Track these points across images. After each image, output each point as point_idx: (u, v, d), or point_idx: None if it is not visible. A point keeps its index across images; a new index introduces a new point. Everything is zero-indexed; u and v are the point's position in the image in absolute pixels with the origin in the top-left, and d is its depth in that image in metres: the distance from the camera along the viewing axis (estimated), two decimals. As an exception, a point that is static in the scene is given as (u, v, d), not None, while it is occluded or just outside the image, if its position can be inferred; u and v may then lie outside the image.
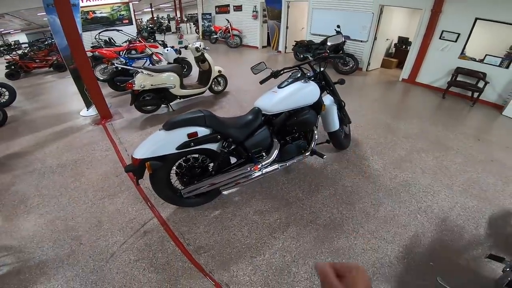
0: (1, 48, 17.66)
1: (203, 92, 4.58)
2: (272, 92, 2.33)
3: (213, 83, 4.78)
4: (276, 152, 2.22)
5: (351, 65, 6.49)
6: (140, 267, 1.82)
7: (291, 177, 2.68)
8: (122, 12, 9.81)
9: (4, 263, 1.87)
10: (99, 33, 8.01)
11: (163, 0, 16.81)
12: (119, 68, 4.89)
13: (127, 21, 9.97)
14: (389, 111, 4.36)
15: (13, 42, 20.60)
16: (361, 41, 6.76)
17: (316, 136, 2.55)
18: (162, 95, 4.01)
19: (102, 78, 5.87)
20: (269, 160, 2.17)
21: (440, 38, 5.36)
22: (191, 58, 5.40)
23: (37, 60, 8.34)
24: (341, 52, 6.41)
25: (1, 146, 3.47)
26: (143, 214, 2.26)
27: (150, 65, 6.26)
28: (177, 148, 1.79)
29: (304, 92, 2.31)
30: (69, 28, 3.30)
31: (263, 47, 9.99)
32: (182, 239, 2.04)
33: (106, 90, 5.32)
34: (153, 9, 19.01)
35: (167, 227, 2.13)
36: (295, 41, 7.52)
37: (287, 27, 8.47)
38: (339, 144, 3.00)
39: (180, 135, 1.79)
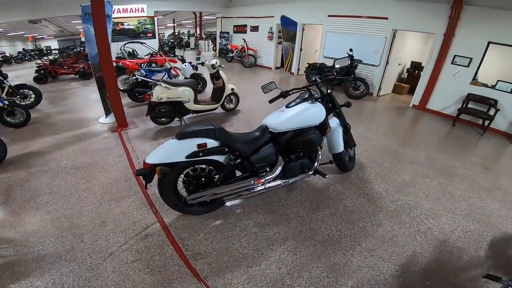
0: (33, 53, 19.10)
1: (215, 109, 4.79)
2: (280, 111, 2.48)
3: (226, 100, 5.00)
4: (279, 168, 2.33)
5: (361, 90, 6.62)
6: (136, 268, 1.90)
7: (293, 194, 2.75)
8: (147, 26, 10.50)
9: (1, 255, 1.97)
10: (124, 44, 8.60)
11: (185, 16, 17.88)
12: (139, 80, 5.24)
13: (150, 34, 10.63)
14: (396, 138, 4.41)
15: (44, 48, 22.25)
16: (373, 65, 6.93)
17: (320, 156, 2.64)
18: (176, 108, 4.24)
19: (122, 88, 6.25)
20: (272, 176, 2.28)
21: (452, 63, 5.44)
22: (206, 75, 5.69)
23: (65, 67, 8.94)
24: (352, 76, 6.59)
25: (21, 145, 3.74)
26: (147, 218, 2.37)
27: (168, 79, 6.66)
28: (187, 157, 1.94)
29: (310, 113, 2.44)
30: (101, 38, 3.62)
31: (277, 68, 10.34)
32: (182, 244, 2.12)
33: (125, 100, 5.64)
34: (175, 24, 20.21)
35: (168, 232, 2.23)
36: (307, 63, 7.78)
37: (301, 49, 8.81)
38: (343, 166, 3.07)
39: (191, 145, 1.95)
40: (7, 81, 5.36)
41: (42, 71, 8.49)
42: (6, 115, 4.35)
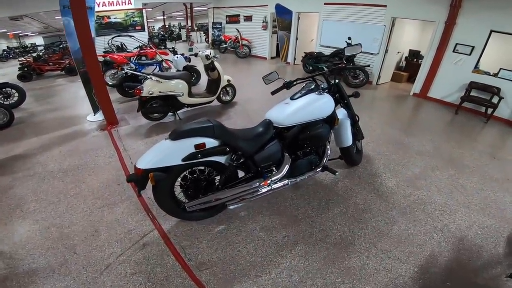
0: (17, 50, 18.28)
1: (211, 102, 4.55)
2: (284, 103, 2.24)
3: (222, 92, 4.75)
4: (287, 167, 2.13)
5: (361, 78, 6.43)
6: (137, 282, 1.72)
7: (300, 193, 2.57)
8: (135, 19, 10.03)
9: (-9, 269, 1.78)
10: (112, 38, 8.18)
11: (175, 8, 17.24)
12: (129, 74, 4.93)
13: (139, 27, 10.18)
14: (401, 127, 4.25)
15: (29, 45, 21.33)
16: (372, 54, 6.73)
17: (329, 152, 2.45)
18: (169, 102, 3.98)
19: (111, 83, 5.93)
20: (279, 176, 2.07)
21: (453, 51, 5.28)
22: (200, 67, 5.41)
23: (50, 63, 8.49)
24: (351, 64, 6.39)
25: (5, 148, 3.46)
26: (143, 225, 2.16)
27: (160, 71, 6.33)
28: (183, 160, 1.71)
29: (318, 105, 2.23)
30: (82, 31, 3.31)
31: (272, 58, 10.04)
32: (183, 253, 1.93)
33: (114, 95, 5.34)
34: (165, 17, 19.52)
35: (168, 240, 2.03)
36: (304, 52, 7.53)
37: (296, 38, 8.52)
38: (351, 160, 2.90)
39: (187, 146, 1.71)
40: (-13, 79, 4.99)
41: (26, 69, 8.04)
42: (-14, 116, 4.03)
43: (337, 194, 2.58)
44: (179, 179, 1.95)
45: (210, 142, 1.78)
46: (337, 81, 2.51)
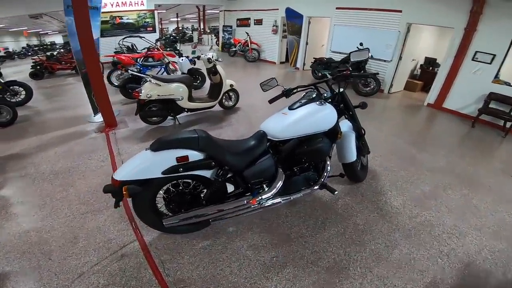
0: (36, 48, 19.08)
1: (212, 107, 4.47)
2: (281, 114, 2.08)
3: (224, 97, 4.68)
4: (280, 184, 1.98)
5: (372, 86, 6.21)
6: (108, 295, 1.63)
7: (296, 210, 2.42)
8: (147, 20, 10.22)
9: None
10: (123, 38, 8.34)
11: (189, 10, 17.53)
12: (130, 75, 4.95)
13: (151, 28, 10.36)
14: (412, 140, 4.02)
15: (49, 43, 22.21)
16: (385, 61, 6.52)
17: (329, 168, 2.27)
18: (169, 106, 3.92)
19: (116, 84, 5.99)
20: (270, 194, 1.93)
21: (472, 59, 5.01)
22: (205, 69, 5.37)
23: (62, 62, 8.74)
24: (362, 71, 6.20)
25: (3, 146, 3.50)
26: (125, 235, 2.08)
27: (165, 74, 6.35)
28: (163, 173, 1.60)
29: (319, 116, 2.05)
30: (83, 31, 3.32)
31: (281, 62, 9.95)
32: (162, 268, 1.83)
33: (118, 97, 5.39)
34: (179, 19, 19.88)
35: (148, 253, 1.94)
36: (314, 58, 7.39)
37: (306, 43, 8.40)
38: (355, 176, 2.72)
39: (168, 158, 1.61)
40: (-4, 77, 5.13)
41: (38, 67, 8.31)
42: (-10, 114, 4.12)
43: (336, 212, 2.42)
44: (161, 191, 1.85)
45: (194, 155, 1.67)
46: (341, 90, 2.33)
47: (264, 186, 1.97)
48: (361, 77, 6.03)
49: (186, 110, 4.09)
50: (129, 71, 4.91)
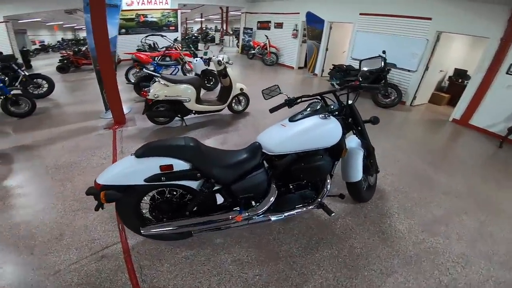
0: (70, 43, 20.32)
1: (220, 110, 4.45)
2: (280, 126, 1.95)
3: (233, 101, 4.64)
4: (271, 201, 1.86)
5: (393, 98, 5.91)
6: (79, 293, 1.63)
7: (290, 226, 2.30)
8: (170, 19, 10.51)
9: None
10: (146, 36, 8.64)
11: (213, 11, 17.89)
12: (145, 74, 5.06)
13: (173, 27, 10.64)
14: (430, 159, 3.72)
15: (83, 38, 23.57)
16: (409, 71, 6.19)
17: (329, 186, 2.08)
18: (176, 107, 3.94)
19: (133, 81, 6.18)
20: (259, 211, 1.83)
21: (507, 73, 4.60)
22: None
23: (88, 57, 9.21)
24: (383, 81, 5.91)
25: (17, 136, 3.70)
26: (110, 236, 2.08)
27: (180, 73, 6.47)
28: (146, 180, 1.56)
29: (321, 131, 1.87)
30: (98, 28, 3.42)
31: (300, 68, 9.80)
32: (139, 273, 1.81)
33: (133, 94, 5.55)
34: (203, 19, 20.34)
35: (129, 256, 1.92)
36: (333, 64, 7.19)
37: (326, 49, 8.21)
38: (359, 196, 2.54)
39: (152, 166, 1.56)
40: (22, 71, 5.46)
41: (65, 61, 8.82)
42: (10, 105, 4.38)
43: (332, 233, 2.27)
44: (147, 197, 1.82)
45: (180, 165, 1.61)
46: (350, 102, 2.14)
47: (253, 202, 1.87)
48: (374, 89, 5.64)
49: (193, 112, 4.10)
50: (143, 69, 5.05)
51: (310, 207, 2.04)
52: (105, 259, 1.89)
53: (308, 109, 2.06)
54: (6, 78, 4.54)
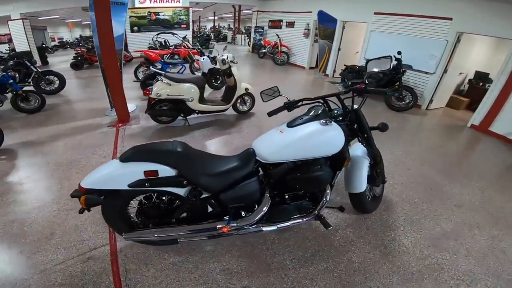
0: (87, 40, 20.98)
1: (224, 110, 4.40)
2: (277, 131, 1.83)
3: (238, 101, 4.58)
4: (263, 212, 1.76)
5: (407, 101, 5.66)
6: (61, 293, 1.64)
7: (286, 236, 2.20)
8: (182, 17, 10.59)
9: None
10: (157, 34, 8.75)
11: (226, 9, 17.94)
12: (152, 72, 5.10)
13: (185, 25, 10.72)
14: (444, 168, 3.51)
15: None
16: (426, 73, 5.92)
17: (328, 197, 1.91)
18: (179, 106, 3.92)
19: (139, 79, 6.25)
20: (248, 223, 1.74)
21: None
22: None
23: (100, 55, 9.46)
24: (397, 84, 5.66)
25: (24, 132, 3.79)
26: (99, 238, 2.07)
27: (188, 72, 6.48)
28: (130, 186, 1.52)
29: (321, 139, 1.74)
30: (102, 26, 3.45)
31: (311, 68, 9.64)
32: (124, 277, 1.78)
33: (139, 92, 5.60)
34: (216, 17, 20.45)
35: (115, 259, 1.90)
36: (345, 65, 7.00)
37: (339, 49, 8.01)
38: (361, 208, 2.41)
39: (136, 171, 1.51)
40: (35, 67, 5.63)
41: (79, 58, 9.06)
42: (20, 101, 4.51)
43: (330, 245, 2.16)
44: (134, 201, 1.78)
45: (165, 171, 1.55)
46: (356, 107, 1.99)
47: (243, 213, 1.78)
48: (381, 93, 5.32)
49: (196, 111, 4.07)
50: (150, 67, 5.09)
51: (306, 219, 1.91)
52: (91, 261, 1.88)
53: (310, 113, 1.91)
54: (17, 75, 4.69)
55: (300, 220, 1.90)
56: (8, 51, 9.36)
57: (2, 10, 9.01)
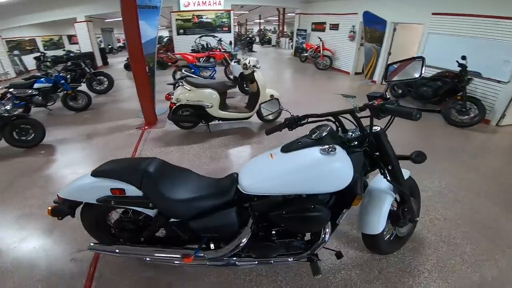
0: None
1: (248, 118, 4.28)
2: (267, 156, 1.56)
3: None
4: (241, 244, 1.54)
5: (472, 115, 4.76)
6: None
7: (276, 270, 1.95)
8: (224, 20, 10.92)
9: None
10: (199, 37, 9.17)
11: (270, 12, 18.06)
12: (183, 75, 5.31)
13: (226, 28, 11.03)
14: (505, 202, 2.79)
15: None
16: (499, 82, 4.96)
17: (327, 237, 1.58)
18: (199, 112, 3.94)
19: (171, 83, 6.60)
20: (220, 255, 1.58)
21: None
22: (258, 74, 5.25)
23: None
24: (460, 94, 4.83)
25: (65, 130, 4.28)
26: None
27: (223, 76, 6.59)
28: (98, 201, 1.53)
29: (319, 172, 1.37)
30: (130, 30, 3.68)
31: (356, 73, 8.99)
32: (96, 282, 1.84)
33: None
34: (262, 20, 20.80)
35: (95, 264, 1.96)
36: (394, 71, 6.31)
37: (389, 53, 7.31)
38: (376, 249, 2.03)
39: (103, 187, 1.50)
40: (89, 68, 6.39)
41: (131, 59, 10.04)
42: (69, 100, 5.14)
43: (326, 287, 1.86)
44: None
45: (132, 191, 1.49)
46: (377, 129, 1.50)
47: (212, 245, 1.62)
48: (401, 116, 2.62)
49: (217, 118, 4.05)
50: (183, 70, 5.31)
51: (295, 259, 1.64)
52: (73, 263, 1.98)
53: (313, 135, 1.49)
54: (69, 76, 5.35)
55: (289, 259, 1.64)
56: (78, 51, 10.70)
57: (70, 12, 9.94)
